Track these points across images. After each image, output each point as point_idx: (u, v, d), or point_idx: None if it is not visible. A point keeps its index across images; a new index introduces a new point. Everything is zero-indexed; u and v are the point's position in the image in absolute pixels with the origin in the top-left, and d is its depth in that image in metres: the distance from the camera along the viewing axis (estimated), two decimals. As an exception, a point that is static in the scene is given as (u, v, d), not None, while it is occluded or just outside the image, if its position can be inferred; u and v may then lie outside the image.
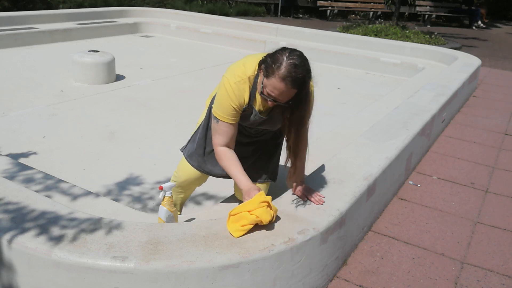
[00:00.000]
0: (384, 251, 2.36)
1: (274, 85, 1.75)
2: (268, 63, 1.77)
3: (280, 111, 1.96)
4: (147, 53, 7.00)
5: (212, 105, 2.02)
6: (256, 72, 1.91)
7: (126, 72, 5.66)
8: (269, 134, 2.25)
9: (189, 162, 2.27)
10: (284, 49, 1.80)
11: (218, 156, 2.02)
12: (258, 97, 1.96)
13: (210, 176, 2.35)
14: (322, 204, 2.08)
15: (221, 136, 1.98)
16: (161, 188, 2.07)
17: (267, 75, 1.77)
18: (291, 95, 1.78)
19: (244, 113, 2.00)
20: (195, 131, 2.29)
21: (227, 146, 2.01)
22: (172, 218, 2.10)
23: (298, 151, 2.01)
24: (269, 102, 1.83)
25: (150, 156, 3.34)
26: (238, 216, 1.81)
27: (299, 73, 1.73)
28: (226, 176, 2.23)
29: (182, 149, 2.34)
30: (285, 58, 1.74)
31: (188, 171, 2.26)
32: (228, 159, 1.99)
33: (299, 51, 1.81)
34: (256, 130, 2.18)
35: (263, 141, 2.26)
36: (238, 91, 1.91)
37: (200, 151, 2.23)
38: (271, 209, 1.83)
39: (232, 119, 1.96)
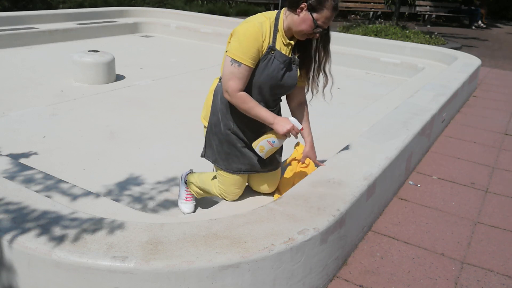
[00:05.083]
0: (384, 251, 2.36)
1: (326, 16, 2.00)
2: None
3: (303, 49, 2.20)
4: (147, 53, 7.00)
5: (227, 51, 2.07)
6: (276, 16, 2.08)
7: (126, 72, 5.67)
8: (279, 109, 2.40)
9: (217, 166, 2.31)
10: None
11: (239, 100, 2.07)
12: (279, 39, 2.10)
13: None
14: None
15: (240, 81, 2.05)
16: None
17: (319, 9, 1.98)
18: None
19: (265, 61, 2.08)
20: (208, 135, 2.32)
21: (243, 91, 2.09)
22: None
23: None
24: (317, 35, 2.06)
25: (150, 156, 3.34)
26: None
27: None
28: (253, 170, 2.32)
29: (203, 155, 2.38)
30: None
31: (232, 180, 2.31)
32: (250, 101, 2.08)
33: None
34: (275, 98, 2.26)
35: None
36: (264, 30, 2.03)
37: (222, 156, 2.28)
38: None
39: (253, 63, 2.05)
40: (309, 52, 2.20)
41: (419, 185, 3.14)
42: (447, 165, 3.53)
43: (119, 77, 5.40)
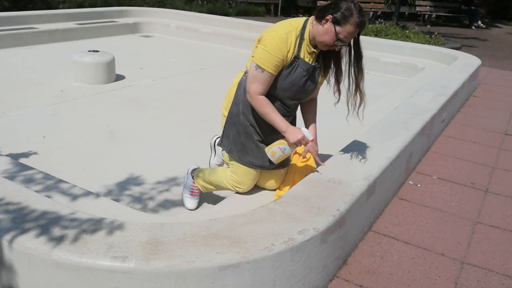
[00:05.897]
0: (384, 251, 2.36)
1: (349, 31, 2.04)
2: (342, 12, 2.01)
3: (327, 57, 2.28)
4: (147, 53, 7.00)
5: (253, 56, 2.16)
6: (303, 24, 2.14)
7: (126, 72, 5.67)
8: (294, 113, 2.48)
9: (231, 156, 2.38)
10: None
11: (258, 103, 2.19)
12: (304, 47, 2.17)
13: None
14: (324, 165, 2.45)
15: (261, 85, 2.16)
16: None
17: (343, 23, 2.02)
18: None
19: (289, 69, 2.17)
20: (226, 125, 2.39)
21: (264, 94, 2.21)
22: None
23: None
24: (337, 48, 2.12)
25: (150, 156, 3.34)
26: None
27: (365, 17, 2.06)
28: (265, 166, 2.39)
29: (220, 144, 2.46)
30: (352, 5, 2.00)
31: (245, 171, 2.37)
32: (268, 106, 2.20)
33: None
34: (295, 102, 2.34)
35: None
36: (289, 41, 2.11)
37: (238, 146, 2.36)
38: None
39: (275, 70, 2.15)
40: (329, 59, 2.28)
41: (419, 185, 3.14)
42: (447, 165, 3.53)
43: (119, 77, 5.40)
